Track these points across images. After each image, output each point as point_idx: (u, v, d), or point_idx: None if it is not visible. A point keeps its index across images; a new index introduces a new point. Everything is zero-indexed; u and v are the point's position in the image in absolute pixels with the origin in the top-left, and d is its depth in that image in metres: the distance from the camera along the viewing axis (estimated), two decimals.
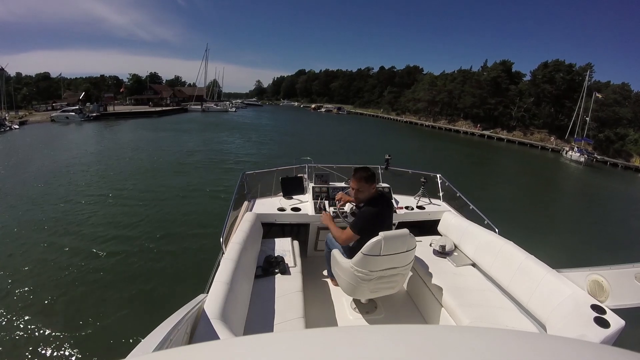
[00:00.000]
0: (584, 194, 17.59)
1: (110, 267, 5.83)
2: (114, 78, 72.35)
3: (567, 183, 20.63)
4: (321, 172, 3.71)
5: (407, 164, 4.69)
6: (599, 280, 1.88)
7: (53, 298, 4.94)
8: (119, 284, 5.33)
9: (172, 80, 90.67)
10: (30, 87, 56.88)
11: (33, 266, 5.82)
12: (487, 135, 41.17)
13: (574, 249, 7.96)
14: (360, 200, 2.40)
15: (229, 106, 61.59)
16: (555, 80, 39.29)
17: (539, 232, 8.75)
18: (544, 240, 7.55)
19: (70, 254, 6.27)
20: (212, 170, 13.81)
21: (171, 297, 4.83)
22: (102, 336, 4.16)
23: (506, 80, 44.42)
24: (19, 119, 34.34)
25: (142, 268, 5.83)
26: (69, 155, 16.40)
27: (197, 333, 1.43)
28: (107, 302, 4.85)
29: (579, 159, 27.25)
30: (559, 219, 11.49)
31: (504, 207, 10.97)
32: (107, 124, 33.64)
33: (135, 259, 6.11)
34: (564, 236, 9.14)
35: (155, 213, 8.48)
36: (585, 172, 24.61)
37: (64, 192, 10.38)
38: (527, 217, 10.51)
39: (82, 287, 5.21)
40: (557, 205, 13.95)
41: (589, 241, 8.99)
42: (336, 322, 2.48)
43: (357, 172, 2.34)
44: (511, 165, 24.83)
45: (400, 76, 75.46)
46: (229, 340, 1.00)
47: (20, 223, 7.68)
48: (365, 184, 2.30)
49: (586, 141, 31.13)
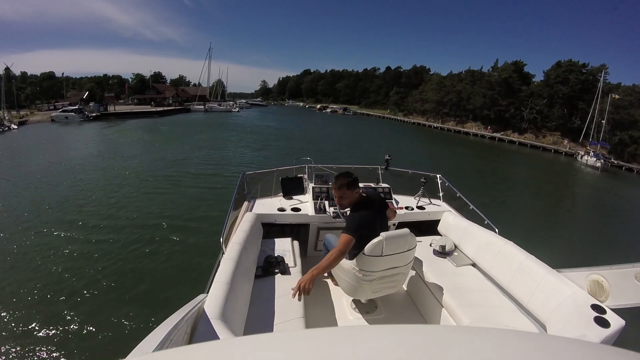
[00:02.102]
0: (608, 206, 15.91)
1: (110, 267, 5.94)
2: (117, 77, 73.40)
3: (587, 192, 19.04)
4: (321, 173, 3.79)
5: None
6: (599, 280, 1.92)
7: (53, 298, 5.05)
8: (118, 284, 5.43)
9: (177, 80, 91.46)
10: (34, 86, 57.89)
11: (32, 266, 5.96)
12: (498, 138, 40.78)
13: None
14: (344, 207, 2.40)
15: (233, 106, 61.97)
16: (569, 80, 38.68)
17: (566, 252, 7.93)
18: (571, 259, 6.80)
19: (69, 254, 6.41)
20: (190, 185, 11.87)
21: (171, 297, 4.90)
22: (102, 336, 4.25)
23: (518, 81, 44.01)
24: (19, 118, 34.95)
25: (142, 268, 5.94)
26: (61, 158, 16.38)
27: (197, 333, 1.47)
28: (107, 302, 4.95)
29: (595, 164, 26.19)
30: (584, 237, 9.98)
31: (524, 220, 10.23)
32: (105, 125, 33.65)
33: (135, 259, 6.22)
34: (601, 259, 7.78)
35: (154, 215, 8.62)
36: (604, 179, 23.26)
37: (63, 191, 10.59)
38: (547, 233, 9.56)
39: (82, 287, 5.31)
40: (578, 218, 12.68)
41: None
42: (336, 322, 2.53)
43: (337, 180, 2.32)
44: (525, 171, 23.39)
45: (407, 76, 75.31)
46: (229, 340, 1.02)
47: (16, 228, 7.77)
48: (348, 191, 2.29)
49: (602, 145, 30.18)
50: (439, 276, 2.62)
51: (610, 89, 34.80)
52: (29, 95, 53.59)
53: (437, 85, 54.70)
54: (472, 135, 43.28)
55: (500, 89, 44.10)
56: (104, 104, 46.68)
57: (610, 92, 33.52)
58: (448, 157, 24.27)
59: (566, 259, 7.07)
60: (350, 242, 2.14)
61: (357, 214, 2.28)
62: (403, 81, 73.53)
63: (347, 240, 2.13)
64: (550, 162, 29.74)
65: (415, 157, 21.59)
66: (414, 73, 75.39)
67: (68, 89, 62.64)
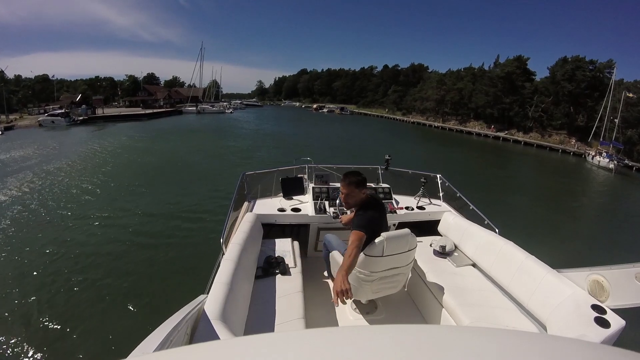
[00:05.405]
0: (632, 212, 14.75)
1: (110, 267, 6.08)
2: (109, 79, 73.33)
3: (607, 199, 17.41)
4: (321, 173, 3.87)
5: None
6: (599, 280, 1.98)
7: (53, 299, 5.16)
8: (119, 284, 5.55)
9: (170, 81, 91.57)
10: (27, 89, 57.85)
11: (32, 267, 6.09)
12: (502, 138, 40.62)
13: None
14: (350, 205, 2.46)
15: (226, 107, 61.96)
16: (576, 77, 38.07)
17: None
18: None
19: (69, 254, 6.54)
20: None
21: (171, 297, 5.00)
22: (102, 336, 4.35)
23: (521, 77, 43.73)
24: (7, 123, 34.85)
25: (143, 268, 6.07)
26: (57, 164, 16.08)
27: (198, 333, 1.51)
28: (107, 303, 5.07)
29: (608, 166, 24.76)
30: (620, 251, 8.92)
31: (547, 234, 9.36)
32: (92, 129, 33.40)
33: (135, 260, 6.36)
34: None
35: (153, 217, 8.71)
36: (619, 181, 22.14)
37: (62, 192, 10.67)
38: (575, 248, 8.73)
39: (82, 288, 5.44)
40: (605, 229, 11.65)
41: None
42: (336, 323, 2.59)
43: (347, 177, 2.38)
44: (535, 175, 22.44)
45: (405, 75, 76.03)
46: (229, 341, 1.04)
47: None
48: (356, 189, 2.34)
49: (615, 145, 28.65)
50: (439, 276, 2.69)
51: (621, 87, 33.56)
52: (21, 99, 53.57)
53: (438, 83, 54.63)
54: (475, 135, 43.16)
55: (503, 86, 43.82)
56: (92, 107, 46.60)
57: (620, 89, 32.41)
58: (451, 159, 23.52)
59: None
60: (363, 237, 2.18)
61: (366, 213, 2.32)
62: (401, 80, 74.05)
63: (360, 236, 2.17)
64: (559, 163, 28.97)
65: (416, 158, 21.23)
66: (412, 71, 75.98)
67: (62, 91, 62.47)
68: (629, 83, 37.20)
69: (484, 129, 44.35)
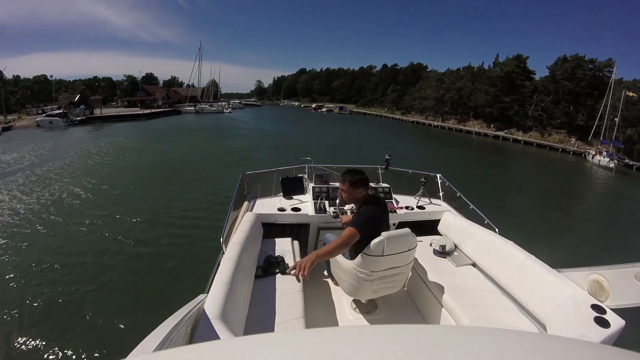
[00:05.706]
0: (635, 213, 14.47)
1: (110, 267, 6.11)
2: (107, 80, 73.29)
3: (609, 199, 17.24)
4: (321, 172, 3.90)
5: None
6: (599, 280, 1.98)
7: (53, 299, 5.18)
8: (119, 284, 5.58)
9: (169, 81, 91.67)
10: (24, 90, 57.83)
11: (31, 267, 6.12)
12: (502, 137, 40.67)
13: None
14: (345, 202, 2.49)
15: (225, 107, 62.03)
16: (576, 76, 38.12)
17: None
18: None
19: (69, 255, 6.59)
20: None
21: (171, 297, 5.03)
22: (102, 336, 4.38)
23: (521, 76, 43.84)
24: (4, 124, 34.75)
25: (142, 268, 6.10)
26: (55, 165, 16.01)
27: (198, 333, 1.52)
28: (107, 303, 5.09)
29: (609, 165, 24.86)
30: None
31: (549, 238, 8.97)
32: (89, 129, 33.46)
33: (134, 260, 6.39)
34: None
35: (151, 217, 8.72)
36: (619, 181, 22.08)
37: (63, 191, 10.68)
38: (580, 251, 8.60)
39: (82, 288, 5.46)
40: (609, 233, 11.17)
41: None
42: (336, 322, 2.60)
43: (345, 174, 2.43)
44: (536, 175, 22.34)
45: (404, 74, 76.16)
46: (229, 340, 1.04)
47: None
48: (350, 187, 2.37)
49: (615, 144, 28.76)
50: (439, 276, 2.70)
51: (621, 86, 33.74)
52: (19, 100, 53.57)
53: (437, 82, 54.72)
54: (475, 134, 43.21)
55: (503, 85, 43.91)
56: (90, 108, 46.61)
57: (620, 88, 32.53)
58: (450, 159, 23.57)
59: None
60: (355, 235, 2.18)
61: (365, 211, 2.34)
62: (400, 79, 74.29)
63: (352, 233, 2.17)
64: (559, 162, 29.03)
65: (416, 158, 21.19)
66: (411, 70, 76.20)
67: (61, 92, 62.37)
68: (628, 82, 37.37)
69: (483, 128, 44.42)
